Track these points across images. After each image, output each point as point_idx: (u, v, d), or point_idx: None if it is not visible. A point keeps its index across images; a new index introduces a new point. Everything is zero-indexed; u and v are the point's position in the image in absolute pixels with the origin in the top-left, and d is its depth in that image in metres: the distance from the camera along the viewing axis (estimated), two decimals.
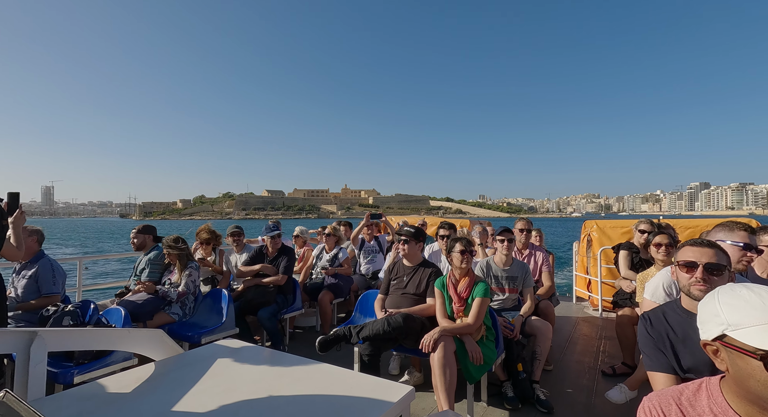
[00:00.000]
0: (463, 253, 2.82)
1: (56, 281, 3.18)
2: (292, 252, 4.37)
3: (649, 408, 1.09)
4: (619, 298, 3.93)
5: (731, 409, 0.97)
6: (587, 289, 6.34)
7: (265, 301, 3.98)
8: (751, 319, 0.90)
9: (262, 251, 4.33)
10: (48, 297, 3.15)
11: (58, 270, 3.25)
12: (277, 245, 4.31)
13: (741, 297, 0.94)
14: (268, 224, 4.40)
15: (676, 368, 1.64)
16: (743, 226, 2.30)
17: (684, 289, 1.70)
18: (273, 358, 2.11)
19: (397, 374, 3.47)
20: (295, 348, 4.11)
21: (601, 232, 6.05)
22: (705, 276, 1.62)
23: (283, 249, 4.33)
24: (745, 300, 0.93)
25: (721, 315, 0.95)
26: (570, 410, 2.84)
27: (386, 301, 3.25)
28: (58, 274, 3.21)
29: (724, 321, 0.94)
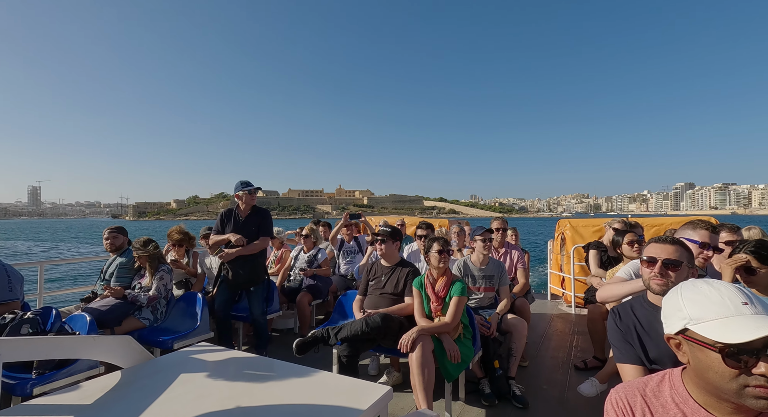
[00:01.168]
0: (441, 253, 2.85)
1: (13, 287, 2.98)
2: (268, 212, 3.92)
3: (616, 400, 1.13)
4: (590, 294, 4.07)
5: (692, 399, 1.01)
6: (561, 286, 6.53)
7: (256, 275, 3.71)
8: (710, 313, 0.94)
9: (233, 212, 3.81)
10: (5, 304, 2.95)
11: (14, 274, 3.04)
12: (253, 202, 3.79)
13: (702, 292, 0.99)
14: (238, 182, 3.82)
15: (643, 359, 1.70)
16: (706, 225, 2.41)
17: (645, 283, 1.78)
18: (249, 362, 2.06)
19: (376, 375, 3.47)
20: (272, 351, 4.03)
21: (574, 231, 6.24)
22: (662, 271, 1.70)
23: (256, 209, 3.83)
24: (706, 295, 0.97)
25: (683, 310, 1.00)
26: (544, 405, 2.92)
27: (365, 301, 3.24)
28: (14, 279, 3.01)
29: (686, 315, 0.98)
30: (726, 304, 0.93)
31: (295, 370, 1.90)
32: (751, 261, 2.07)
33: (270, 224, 3.88)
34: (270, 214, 3.95)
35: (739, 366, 0.87)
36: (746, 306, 0.92)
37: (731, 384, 0.89)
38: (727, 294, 0.95)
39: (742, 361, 0.87)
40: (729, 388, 0.89)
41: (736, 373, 0.88)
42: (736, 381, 0.88)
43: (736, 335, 0.87)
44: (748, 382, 0.87)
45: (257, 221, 3.77)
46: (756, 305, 0.92)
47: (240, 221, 3.75)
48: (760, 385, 0.85)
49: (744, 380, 0.87)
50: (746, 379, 0.87)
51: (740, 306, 0.92)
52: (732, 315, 0.91)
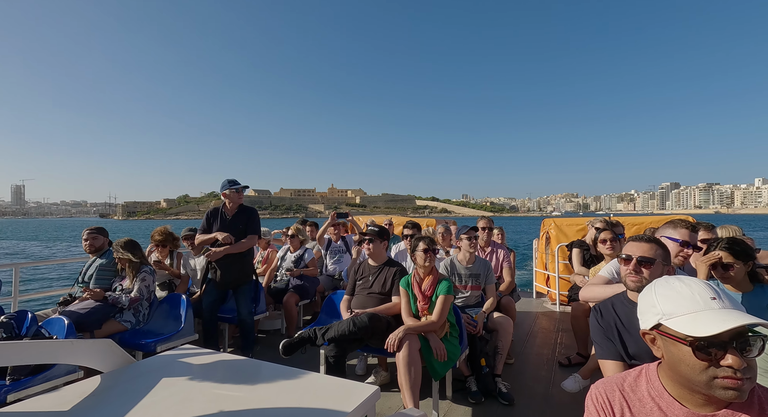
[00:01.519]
0: (426, 252, 2.86)
1: None
2: (255, 211, 3.86)
3: (596, 395, 1.16)
4: (573, 292, 4.15)
5: (666, 392, 1.05)
6: (546, 285, 6.64)
7: (244, 277, 3.68)
8: (682, 308, 0.98)
9: (219, 210, 3.75)
10: None
11: None
12: (240, 200, 3.74)
13: (674, 288, 1.03)
14: (225, 181, 3.77)
15: (623, 355, 1.75)
16: (686, 224, 2.48)
17: (623, 280, 1.83)
18: (234, 364, 2.03)
19: (363, 374, 3.46)
20: (259, 352, 3.98)
21: (558, 230, 6.35)
22: (636, 268, 1.77)
23: (243, 207, 3.78)
24: (677, 291, 1.02)
25: (657, 305, 1.04)
26: (529, 401, 2.97)
27: (352, 301, 3.24)
28: None
29: (659, 311, 1.02)
30: (696, 300, 0.97)
31: (282, 371, 1.88)
32: (725, 257, 2.15)
33: (257, 223, 3.83)
34: (257, 213, 3.90)
35: (709, 358, 0.91)
36: (714, 301, 0.96)
37: (701, 376, 0.92)
38: (697, 289, 0.99)
39: (711, 353, 0.91)
40: (699, 380, 0.93)
41: (705, 365, 0.92)
42: (706, 373, 0.92)
43: (704, 329, 0.90)
44: (716, 373, 0.90)
45: (244, 220, 3.73)
46: (724, 300, 0.96)
47: (227, 220, 3.69)
48: (727, 377, 0.89)
49: (713, 372, 0.91)
50: (715, 371, 0.91)
51: (709, 301, 0.96)
52: (701, 309, 0.95)
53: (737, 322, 0.88)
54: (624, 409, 1.09)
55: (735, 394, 0.90)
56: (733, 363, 0.89)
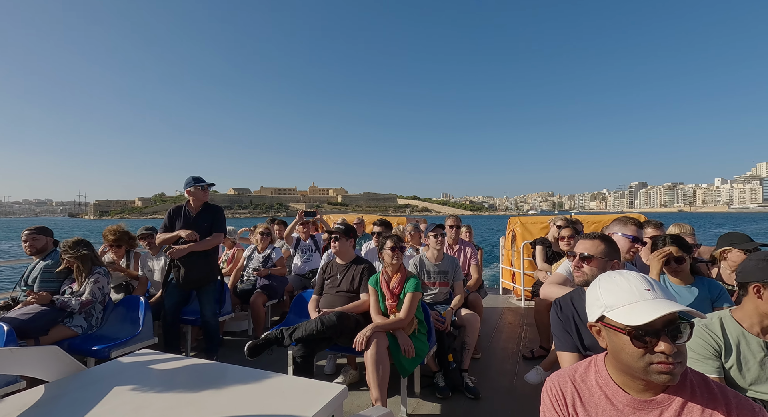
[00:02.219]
0: (394, 250, 2.88)
1: None
2: (220, 209, 3.74)
3: (550, 387, 1.21)
4: (536, 288, 4.32)
5: (612, 380, 1.12)
6: (512, 281, 6.87)
7: (209, 276, 3.53)
8: (621, 300, 1.05)
9: (182, 208, 3.61)
10: None
11: None
12: (206, 198, 3.64)
13: (614, 282, 1.10)
14: (189, 178, 3.63)
15: (579, 347, 1.84)
16: (634, 222, 2.67)
17: (571, 275, 1.93)
18: (196, 367, 1.95)
19: (332, 374, 3.44)
20: (224, 355, 3.85)
21: (523, 228, 6.58)
22: (578, 263, 1.90)
23: (207, 205, 3.66)
24: (617, 284, 1.09)
25: (600, 298, 1.11)
26: (495, 394, 3.05)
27: (320, 300, 3.20)
28: None
29: (603, 304, 1.09)
30: (633, 291, 1.05)
31: (247, 373, 1.83)
32: (675, 251, 2.31)
33: (223, 221, 3.71)
34: (223, 211, 3.79)
35: (645, 346, 0.99)
36: (648, 292, 1.04)
37: (639, 362, 1.00)
38: (633, 282, 1.07)
39: (646, 341, 0.98)
40: (638, 366, 1.00)
41: (642, 352, 0.99)
42: (643, 359, 0.99)
43: (639, 318, 0.98)
44: (652, 359, 0.98)
45: (210, 218, 3.61)
46: (657, 291, 1.04)
47: (191, 218, 3.56)
48: (661, 362, 0.97)
49: (649, 358, 0.98)
50: (651, 358, 0.98)
51: (644, 292, 1.04)
52: (637, 300, 1.02)
53: (666, 310, 0.96)
54: (575, 399, 1.15)
55: (668, 377, 0.97)
56: (665, 349, 0.96)
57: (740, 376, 1.56)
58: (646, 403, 1.05)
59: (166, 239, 3.52)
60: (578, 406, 1.14)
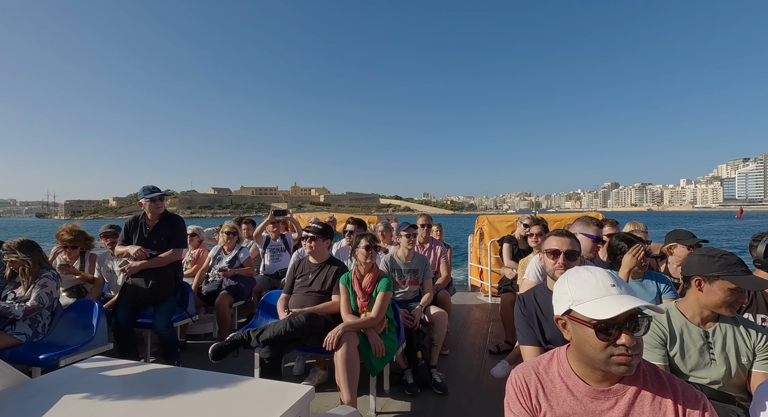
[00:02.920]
0: (368, 249, 2.87)
1: None
2: (180, 220, 3.57)
3: (515, 379, 1.26)
4: (502, 284, 4.46)
5: (573, 372, 1.18)
6: (480, 278, 7.04)
7: (163, 293, 3.34)
8: (588, 295, 1.11)
9: (139, 220, 3.40)
10: None
11: None
12: (159, 210, 3.40)
13: (582, 277, 1.16)
14: (146, 187, 3.42)
15: (541, 341, 1.92)
16: (595, 222, 2.82)
17: (549, 272, 2.00)
18: (154, 373, 1.86)
19: (301, 375, 3.39)
20: (187, 359, 3.71)
21: (491, 226, 6.76)
22: (565, 261, 1.95)
23: (166, 216, 3.45)
24: (585, 279, 1.14)
25: (568, 293, 1.15)
26: (462, 389, 3.13)
27: (290, 300, 3.15)
28: None
29: (570, 298, 1.14)
30: (599, 287, 1.10)
31: (211, 377, 1.78)
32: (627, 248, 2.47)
33: (182, 233, 3.52)
34: (183, 222, 3.61)
35: (608, 338, 1.05)
36: (614, 287, 1.10)
37: (601, 354, 1.06)
38: (600, 278, 1.13)
39: (609, 334, 1.04)
40: (600, 358, 1.06)
41: (605, 344, 1.05)
42: (605, 351, 1.05)
43: (605, 312, 1.04)
44: (613, 351, 1.04)
45: (167, 231, 3.40)
46: (621, 286, 1.11)
47: (147, 231, 3.36)
48: (621, 354, 1.03)
49: (611, 350, 1.05)
50: (612, 350, 1.04)
51: (610, 287, 1.10)
52: (603, 295, 1.08)
53: (630, 305, 1.02)
54: (538, 390, 1.20)
55: (626, 368, 1.04)
56: (625, 341, 1.03)
57: (682, 363, 1.69)
58: (603, 392, 1.12)
59: (120, 254, 3.39)
60: (541, 397, 1.19)
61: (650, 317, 1.07)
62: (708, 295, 1.66)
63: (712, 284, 1.64)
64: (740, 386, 1.66)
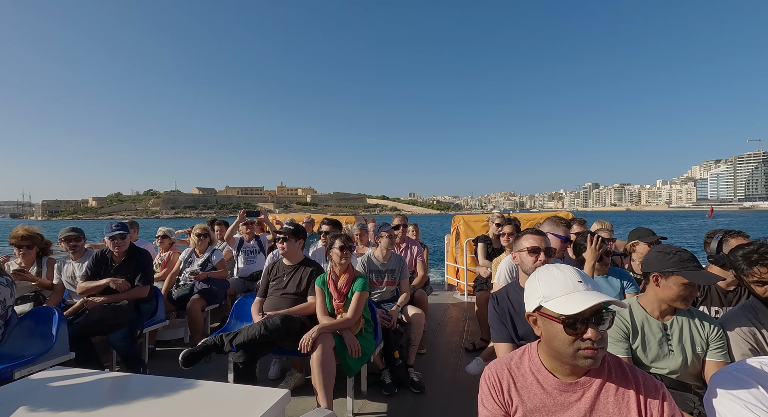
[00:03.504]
0: (342, 249, 2.86)
1: None
2: (147, 254, 3.64)
3: (488, 375, 1.29)
4: (478, 283, 4.55)
5: (543, 366, 1.22)
6: (456, 277, 7.16)
7: (117, 322, 3.22)
8: (557, 291, 1.15)
9: (106, 255, 3.47)
10: None
11: None
12: (123, 248, 3.47)
13: (552, 274, 1.20)
14: (110, 224, 3.49)
15: (514, 337, 1.97)
16: (564, 222, 2.94)
17: (529, 270, 2.07)
18: (120, 382, 1.79)
19: (277, 378, 3.33)
20: (157, 367, 3.57)
21: (466, 226, 6.89)
22: (546, 258, 2.05)
23: (132, 251, 3.52)
24: (554, 276, 1.19)
25: (539, 290, 1.19)
26: (438, 387, 3.16)
27: (265, 303, 3.09)
28: None
29: (540, 295, 1.18)
30: (567, 283, 1.15)
31: (181, 384, 1.71)
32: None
33: (148, 269, 3.56)
34: (149, 257, 3.66)
35: (576, 333, 1.09)
36: (581, 283, 1.14)
37: (569, 348, 1.10)
38: (568, 275, 1.17)
39: (577, 328, 1.09)
40: (568, 352, 1.10)
41: (572, 339, 1.09)
42: (573, 346, 1.09)
43: (572, 308, 1.08)
44: (580, 345, 1.09)
45: (133, 266, 3.46)
46: (587, 283, 1.16)
47: (114, 267, 3.41)
48: (587, 347, 1.08)
49: (578, 344, 1.09)
50: (579, 344, 1.09)
51: (577, 284, 1.14)
52: (571, 291, 1.13)
53: (596, 301, 1.07)
54: (510, 385, 1.24)
55: (592, 361, 1.09)
56: (591, 336, 1.07)
57: (644, 355, 1.78)
58: (572, 385, 1.16)
59: (90, 289, 3.32)
60: (512, 392, 1.23)
61: (614, 312, 1.12)
62: (664, 290, 1.76)
63: (668, 279, 1.74)
64: (696, 375, 1.77)
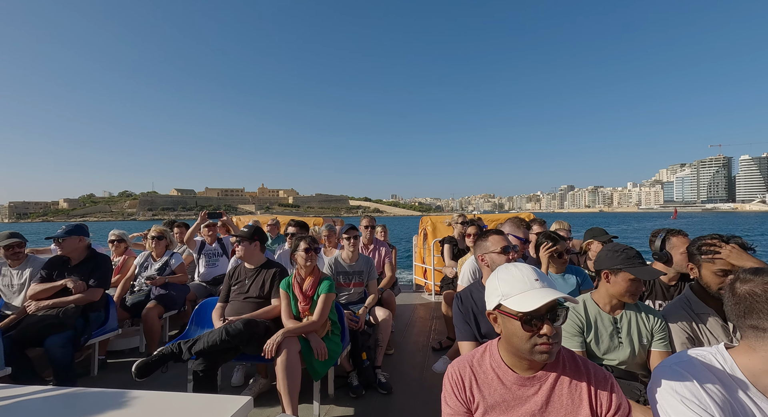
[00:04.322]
0: (308, 251, 2.82)
1: None
2: (106, 259, 3.48)
3: (451, 373, 1.31)
4: (444, 283, 4.64)
5: (503, 362, 1.26)
6: (424, 277, 7.25)
7: (60, 326, 3.00)
8: (515, 289, 1.19)
9: (62, 258, 3.34)
10: None
11: None
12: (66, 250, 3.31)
13: (510, 273, 1.24)
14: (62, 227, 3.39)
15: (477, 335, 2.02)
16: (524, 224, 3.06)
17: (475, 273, 2.14)
18: (68, 398, 1.66)
19: (240, 385, 3.23)
20: (108, 379, 3.34)
21: (433, 227, 7.00)
22: (515, 256, 2.15)
23: (91, 255, 3.42)
24: (512, 275, 1.23)
25: (498, 288, 1.23)
26: (405, 387, 3.19)
27: (226, 308, 2.98)
28: None
29: (500, 293, 1.22)
30: (525, 281, 1.19)
31: (135, 397, 1.61)
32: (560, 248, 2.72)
33: (105, 274, 3.41)
34: (109, 261, 3.51)
35: (532, 329, 1.14)
36: (537, 281, 1.19)
37: (527, 344, 1.14)
38: (525, 273, 1.22)
39: (534, 324, 1.13)
40: (525, 347, 1.15)
41: (529, 335, 1.14)
42: (530, 341, 1.14)
43: (530, 305, 1.12)
44: (537, 341, 1.13)
45: (90, 269, 3.32)
46: (543, 281, 1.21)
47: (68, 269, 3.27)
48: (543, 343, 1.13)
49: (534, 340, 1.14)
50: (536, 339, 1.13)
51: (534, 281, 1.19)
52: (528, 289, 1.17)
53: (550, 297, 1.12)
54: (472, 382, 1.27)
55: (547, 356, 1.13)
56: (547, 331, 1.12)
57: (597, 348, 1.89)
58: (529, 379, 1.21)
59: (43, 291, 3.14)
60: (474, 388, 1.26)
61: (568, 308, 1.18)
62: (614, 286, 1.89)
63: (617, 276, 1.87)
64: (642, 364, 1.90)
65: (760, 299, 1.09)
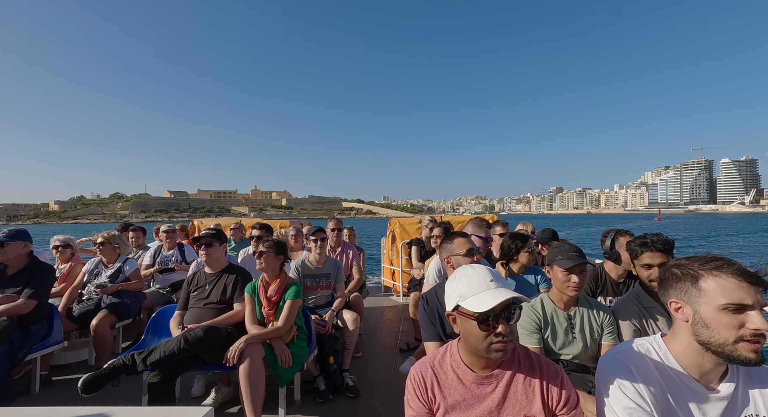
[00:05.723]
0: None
1: None
2: (47, 268, 3.21)
3: (413, 375, 1.34)
4: (412, 284, 4.69)
5: (462, 362, 1.29)
6: (392, 279, 7.29)
7: None
8: (471, 290, 1.23)
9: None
10: None
11: None
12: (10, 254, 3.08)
13: (467, 274, 1.28)
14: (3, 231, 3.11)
15: (442, 335, 2.07)
16: (486, 224, 3.16)
17: (440, 274, 2.19)
18: None
19: (201, 396, 3.09)
20: (51, 396, 3.09)
21: (402, 229, 7.06)
22: (480, 258, 2.23)
23: (32, 263, 3.15)
24: (469, 276, 1.26)
25: (456, 290, 1.26)
26: (373, 389, 3.19)
27: (185, 316, 2.85)
28: None
29: (458, 294, 1.25)
30: (480, 282, 1.23)
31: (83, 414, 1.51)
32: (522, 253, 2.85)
33: (41, 285, 3.12)
34: (49, 272, 3.23)
35: (488, 329, 1.17)
36: (492, 282, 1.23)
37: (483, 343, 1.18)
38: (481, 274, 1.26)
39: (489, 324, 1.17)
40: (482, 347, 1.19)
41: (486, 334, 1.17)
42: (486, 340, 1.18)
43: (485, 305, 1.16)
44: (492, 340, 1.17)
45: (26, 278, 3.08)
46: (498, 281, 1.25)
47: (5, 279, 3.09)
48: (498, 341, 1.17)
49: (491, 339, 1.17)
50: (492, 338, 1.17)
51: (489, 282, 1.23)
52: (484, 290, 1.21)
53: (504, 297, 1.16)
54: (433, 382, 1.30)
55: (502, 354, 1.18)
56: (502, 330, 1.16)
57: (553, 344, 1.98)
58: (487, 377, 1.25)
59: None
60: (435, 389, 1.28)
61: (521, 307, 1.23)
62: (554, 280, 2.03)
63: (554, 270, 2.01)
64: (593, 357, 2.02)
65: (667, 276, 1.20)
